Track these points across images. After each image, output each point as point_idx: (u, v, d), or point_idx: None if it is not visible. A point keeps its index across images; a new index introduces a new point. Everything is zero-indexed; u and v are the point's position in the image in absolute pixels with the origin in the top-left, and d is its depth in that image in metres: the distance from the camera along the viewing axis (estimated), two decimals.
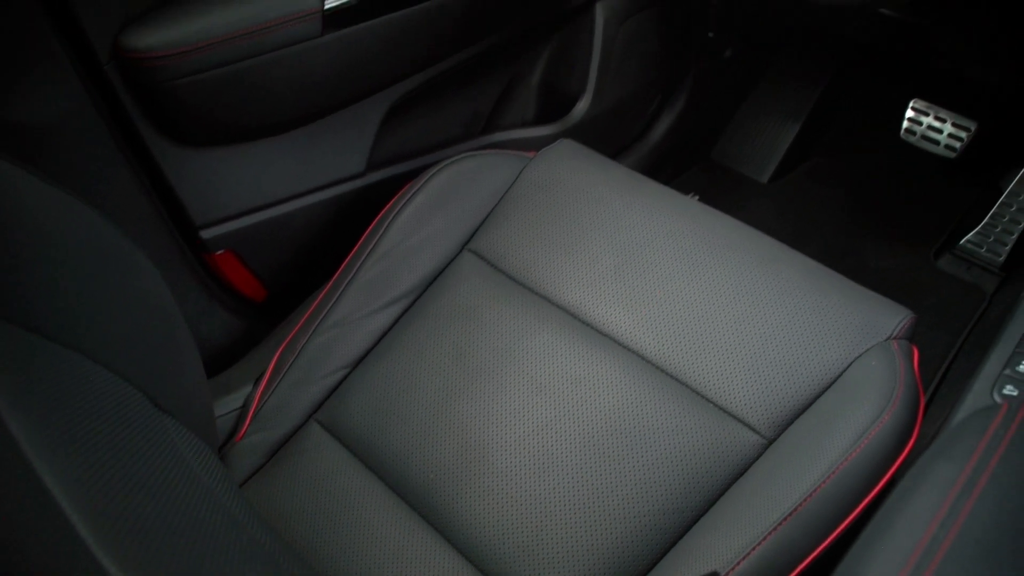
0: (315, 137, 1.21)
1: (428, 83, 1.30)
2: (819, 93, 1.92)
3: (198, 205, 1.15)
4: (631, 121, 1.73)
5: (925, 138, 1.85)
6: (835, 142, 1.98)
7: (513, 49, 1.44)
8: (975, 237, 1.72)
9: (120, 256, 0.69)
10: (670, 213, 1.06)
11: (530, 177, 1.13)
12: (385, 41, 1.17)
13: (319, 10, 1.07)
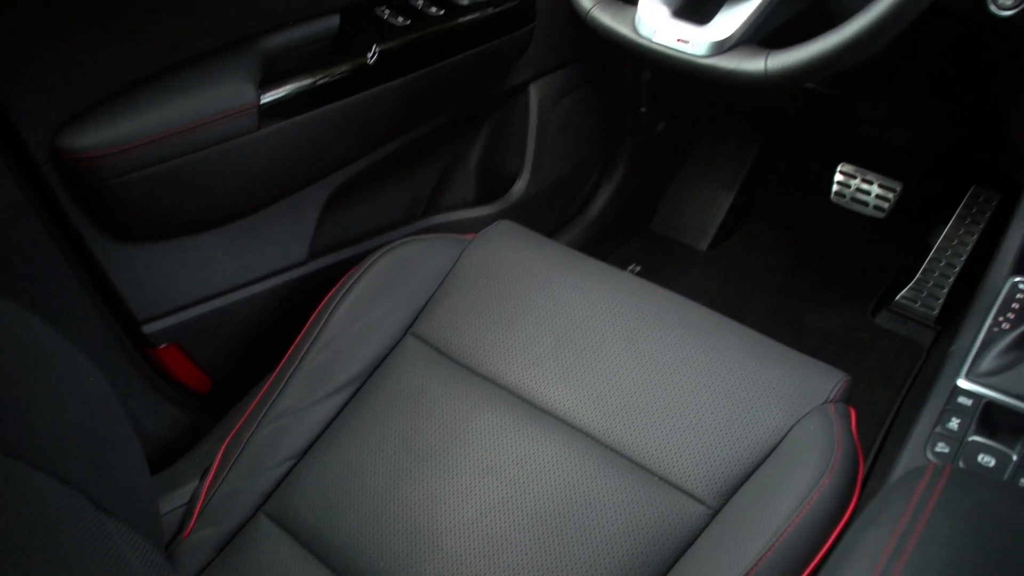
0: (256, 227, 1.22)
1: (367, 169, 1.32)
2: (751, 161, 1.98)
3: (140, 300, 1.15)
4: (570, 197, 1.77)
5: (854, 200, 1.92)
6: (769, 208, 2.04)
7: (450, 132, 1.47)
8: (909, 293, 1.77)
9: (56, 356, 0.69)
10: (608, 290, 1.09)
11: (470, 260, 1.15)
12: (323, 133, 1.19)
13: (255, 105, 1.09)
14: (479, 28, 1.31)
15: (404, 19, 1.23)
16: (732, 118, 2.02)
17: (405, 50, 1.22)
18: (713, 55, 0.87)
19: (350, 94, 1.19)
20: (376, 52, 1.18)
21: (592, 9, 0.96)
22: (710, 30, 0.88)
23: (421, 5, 1.27)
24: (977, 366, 0.92)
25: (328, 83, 1.16)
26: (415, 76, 1.26)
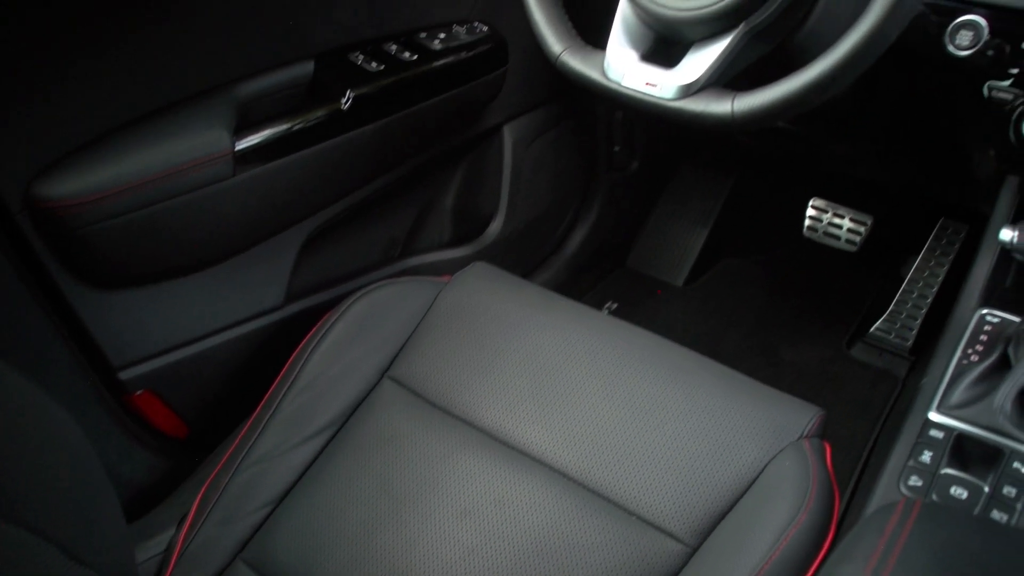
0: (232, 272, 1.23)
1: (343, 212, 1.33)
2: (724, 198, 2.01)
3: (115, 347, 1.15)
4: (546, 236, 1.78)
5: (827, 234, 1.94)
6: (743, 243, 2.06)
7: (426, 174, 1.48)
8: (883, 324, 1.79)
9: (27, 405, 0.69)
10: (583, 330, 1.09)
11: (445, 302, 1.16)
12: (298, 178, 1.20)
13: (230, 151, 1.10)
14: (452, 72, 1.33)
15: (378, 64, 1.25)
16: (705, 155, 2.05)
17: (379, 95, 1.24)
18: (681, 98, 0.89)
19: (325, 139, 1.20)
20: (350, 97, 1.20)
21: (562, 54, 0.98)
22: (677, 74, 0.89)
23: (394, 50, 1.29)
24: (948, 399, 0.93)
25: (303, 129, 1.17)
26: (389, 120, 1.27)
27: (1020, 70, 1.03)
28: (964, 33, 1.04)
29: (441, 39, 1.33)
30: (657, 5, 0.89)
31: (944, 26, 1.06)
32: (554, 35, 0.99)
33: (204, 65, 1.11)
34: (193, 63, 1.10)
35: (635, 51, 0.94)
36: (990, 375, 0.95)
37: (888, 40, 0.81)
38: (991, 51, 1.03)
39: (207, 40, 1.10)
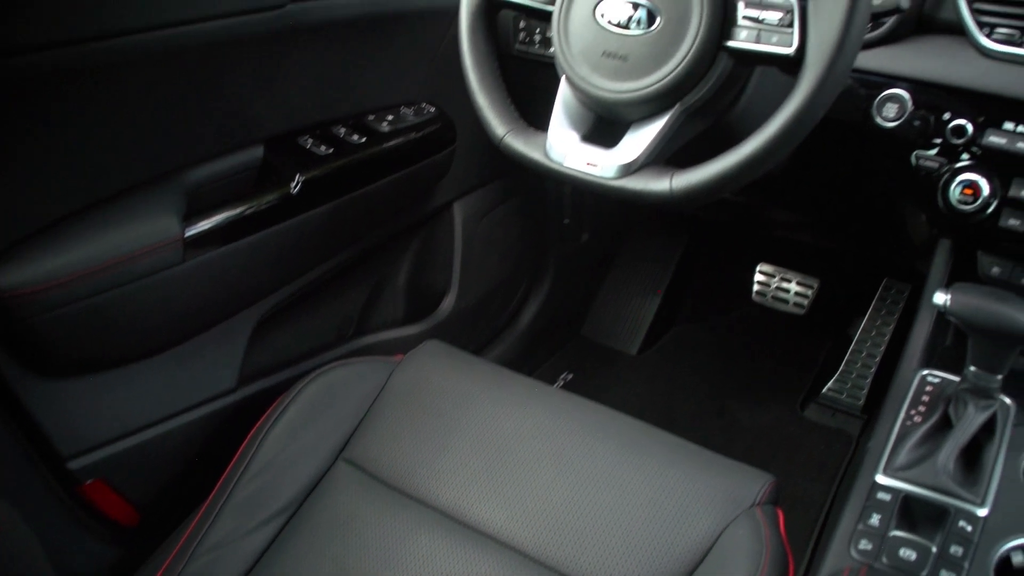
0: (184, 356, 1.22)
1: (296, 294, 1.34)
2: (674, 265, 2.04)
3: (65, 436, 1.13)
4: (499, 310, 1.80)
5: (775, 298, 1.98)
6: (695, 309, 2.09)
7: (378, 253, 1.50)
8: (835, 385, 1.82)
9: None
10: (536, 406, 1.10)
11: (398, 382, 1.16)
12: (249, 262, 1.20)
13: (180, 238, 1.10)
14: (401, 153, 1.35)
15: (327, 148, 1.27)
16: (654, 224, 2.09)
17: (328, 178, 1.25)
18: (621, 177, 0.91)
19: (275, 223, 1.21)
20: (299, 181, 1.21)
21: (505, 136, 1.01)
22: (617, 153, 0.92)
23: (343, 133, 1.31)
24: (894, 460, 0.95)
25: (253, 213, 1.18)
26: (339, 203, 1.28)
27: (943, 140, 1.07)
28: (890, 106, 1.09)
29: (389, 121, 1.35)
30: (595, 88, 0.92)
31: (872, 99, 1.11)
32: (497, 118, 1.02)
33: (153, 152, 1.12)
34: (141, 150, 1.11)
35: (576, 132, 0.97)
36: (933, 435, 0.98)
37: (816, 118, 0.85)
38: (917, 121, 1.08)
39: (155, 127, 1.11)
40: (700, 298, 2.11)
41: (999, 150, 1.04)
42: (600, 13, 0.92)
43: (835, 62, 0.82)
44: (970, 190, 1.06)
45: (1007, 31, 1.04)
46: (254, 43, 1.15)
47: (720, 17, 0.87)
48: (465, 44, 1.04)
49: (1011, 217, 1.05)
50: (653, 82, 0.88)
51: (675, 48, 0.88)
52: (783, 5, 0.85)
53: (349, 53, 1.29)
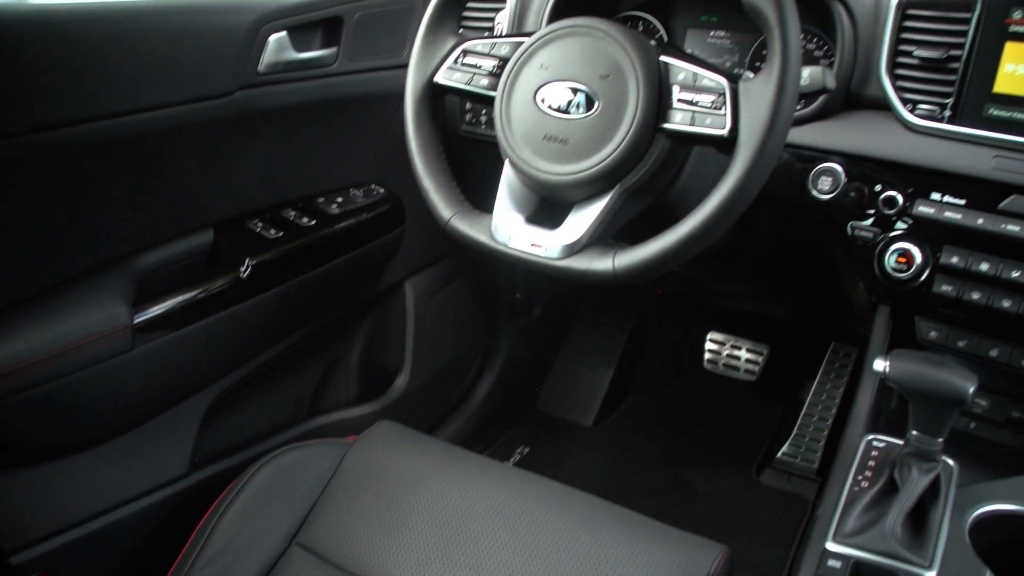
0: (133, 443, 1.20)
1: (248, 376, 1.33)
2: (626, 336, 2.07)
3: (7, 529, 1.10)
4: (453, 387, 1.80)
5: (727, 366, 2.01)
6: (649, 379, 2.11)
7: (330, 333, 1.50)
8: (789, 449, 1.84)
9: None
10: (489, 484, 1.10)
11: (351, 464, 1.16)
12: (200, 346, 1.20)
13: (128, 324, 1.10)
14: (351, 234, 1.37)
15: (276, 231, 1.28)
16: (606, 296, 2.12)
17: (278, 261, 1.26)
18: (565, 257, 0.93)
19: (226, 307, 1.21)
20: (249, 265, 1.22)
21: (451, 219, 1.02)
22: (560, 234, 0.94)
23: (293, 216, 1.32)
24: (843, 527, 0.97)
25: (203, 298, 1.19)
26: (290, 285, 1.29)
27: (876, 211, 1.11)
28: (824, 179, 1.14)
29: (339, 203, 1.37)
30: (537, 171, 0.95)
31: (807, 172, 1.15)
32: (443, 201, 1.04)
33: (101, 238, 1.12)
34: (89, 236, 1.11)
35: (520, 214, 0.99)
36: (880, 500, 0.99)
37: (751, 195, 0.88)
38: (853, 193, 1.12)
39: (104, 213, 1.11)
40: (653, 367, 2.13)
41: (928, 219, 1.08)
42: (541, 98, 0.95)
43: (766, 142, 0.85)
44: (904, 258, 1.10)
45: (928, 107, 1.09)
46: (203, 129, 1.16)
47: (656, 101, 0.91)
48: (411, 129, 1.06)
49: (943, 283, 1.09)
50: (593, 164, 0.91)
51: (614, 131, 0.91)
52: (716, 88, 0.89)
53: (298, 137, 1.31)
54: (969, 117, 1.07)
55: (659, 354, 2.15)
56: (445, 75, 1.05)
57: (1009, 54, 1.04)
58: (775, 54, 0.86)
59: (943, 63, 1.08)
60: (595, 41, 0.94)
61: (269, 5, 1.22)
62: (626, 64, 0.91)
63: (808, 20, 1.21)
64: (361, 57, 1.36)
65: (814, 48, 1.23)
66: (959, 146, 1.07)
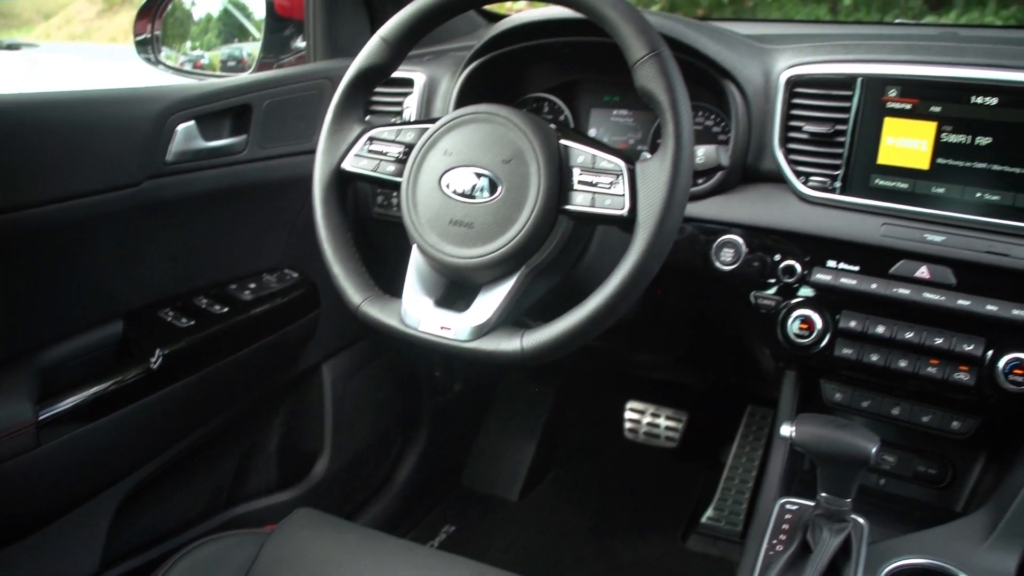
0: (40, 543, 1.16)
1: (161, 468, 1.30)
2: (547, 409, 2.08)
3: None
4: (375, 469, 1.78)
5: (647, 434, 2.03)
6: (572, 451, 2.12)
7: (247, 419, 1.48)
8: (713, 513, 1.86)
9: None
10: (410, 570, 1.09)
11: (269, 555, 1.13)
12: (110, 440, 1.17)
13: (33, 422, 1.07)
14: (265, 320, 1.36)
15: (188, 320, 1.27)
16: (525, 370, 2.13)
17: (191, 350, 1.25)
18: (474, 339, 0.95)
19: (136, 399, 1.19)
20: (160, 356, 1.20)
21: (361, 304, 1.03)
22: (469, 316, 0.96)
23: (205, 304, 1.31)
24: None
25: (113, 391, 1.16)
26: (204, 374, 1.27)
27: (777, 280, 1.16)
28: (727, 250, 1.18)
29: (251, 289, 1.36)
30: (444, 255, 0.96)
31: (710, 244, 1.19)
32: (353, 287, 1.04)
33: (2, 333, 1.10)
34: None
35: (430, 297, 1.00)
36: (795, 563, 1.01)
37: (652, 271, 0.90)
38: (756, 263, 1.17)
39: (5, 307, 1.09)
40: (576, 439, 2.14)
41: (826, 286, 1.13)
42: (445, 183, 0.97)
43: (664, 221, 0.88)
44: (806, 324, 1.14)
45: (820, 179, 1.14)
46: (111, 219, 1.16)
47: (557, 183, 0.93)
48: (319, 216, 1.07)
49: (844, 347, 1.13)
50: (499, 247, 0.93)
51: (517, 214, 0.93)
52: (614, 170, 0.92)
53: (209, 224, 1.31)
54: (857, 188, 1.13)
55: (581, 425, 2.16)
56: (352, 162, 1.07)
57: (888, 128, 1.10)
58: (668, 136, 0.90)
59: (831, 137, 1.13)
60: (497, 127, 0.97)
61: (176, 95, 1.23)
62: (527, 148, 0.94)
63: (704, 98, 1.27)
64: (271, 144, 1.37)
65: (712, 124, 1.28)
66: (850, 215, 1.13)
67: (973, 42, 1.18)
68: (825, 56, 1.15)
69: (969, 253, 1.07)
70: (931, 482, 1.26)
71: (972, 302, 1.06)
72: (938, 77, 1.08)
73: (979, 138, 1.06)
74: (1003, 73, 1.05)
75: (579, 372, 2.09)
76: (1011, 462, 1.13)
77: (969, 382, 1.07)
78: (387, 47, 1.06)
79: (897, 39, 1.22)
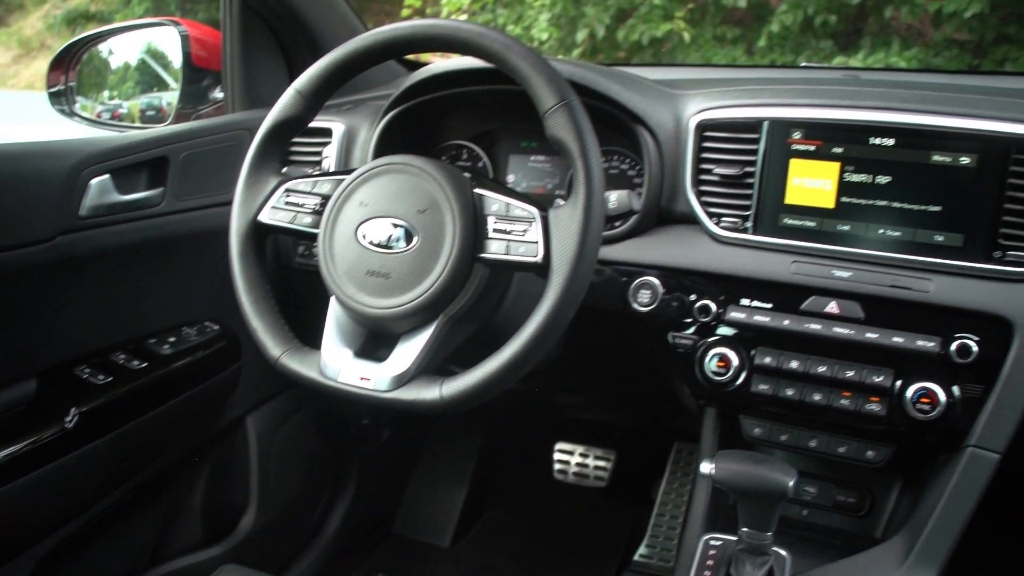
0: None
1: (80, 530, 1.26)
2: (477, 453, 2.07)
3: None
4: (303, 520, 1.76)
5: (577, 475, 2.04)
6: (503, 494, 2.12)
7: (170, 475, 1.45)
8: (645, 550, 1.87)
9: None
10: None
11: None
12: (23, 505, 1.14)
13: None
14: (186, 374, 1.34)
15: (105, 376, 1.24)
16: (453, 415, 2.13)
17: (108, 408, 1.22)
18: (394, 389, 0.95)
19: (51, 460, 1.16)
20: (76, 415, 1.17)
21: (281, 356, 1.02)
22: (389, 366, 0.96)
23: (123, 360, 1.28)
24: None
25: (26, 452, 1.13)
26: (122, 431, 1.25)
27: (693, 319, 1.18)
28: (644, 292, 1.20)
29: (171, 343, 1.34)
30: (362, 305, 0.96)
31: (628, 286, 1.21)
32: (272, 339, 1.04)
33: None
34: None
35: (349, 348, 1.00)
36: None
37: (568, 316, 0.92)
38: (675, 303, 1.19)
39: None
40: (506, 482, 2.14)
41: (741, 324, 1.16)
42: (362, 234, 0.98)
43: (577, 266, 0.90)
44: (722, 362, 1.17)
45: (732, 219, 1.18)
46: (22, 276, 1.13)
47: (472, 232, 0.95)
48: (237, 269, 1.07)
49: (760, 383, 1.16)
50: (415, 296, 0.94)
51: (433, 263, 0.94)
52: (527, 217, 0.93)
53: (126, 278, 1.29)
54: (767, 227, 1.16)
55: (511, 468, 2.16)
56: (269, 214, 1.07)
57: (794, 169, 1.14)
58: (579, 183, 0.92)
59: (740, 179, 1.17)
60: (411, 177, 0.98)
61: (90, 148, 1.22)
62: (441, 198, 0.95)
63: (619, 143, 1.30)
64: (189, 196, 1.36)
65: (628, 168, 1.31)
66: (761, 254, 1.16)
67: (872, 85, 1.23)
68: (732, 101, 1.19)
69: (875, 288, 1.11)
70: (851, 510, 1.29)
71: (880, 335, 1.10)
72: (839, 120, 1.13)
73: (879, 177, 1.11)
74: (897, 115, 1.10)
75: (507, 415, 2.09)
76: (924, 487, 1.16)
77: (880, 412, 1.11)
78: (302, 99, 1.07)
79: (801, 83, 1.26)
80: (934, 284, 1.08)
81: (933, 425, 1.08)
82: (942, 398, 1.07)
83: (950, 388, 1.08)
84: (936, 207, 1.09)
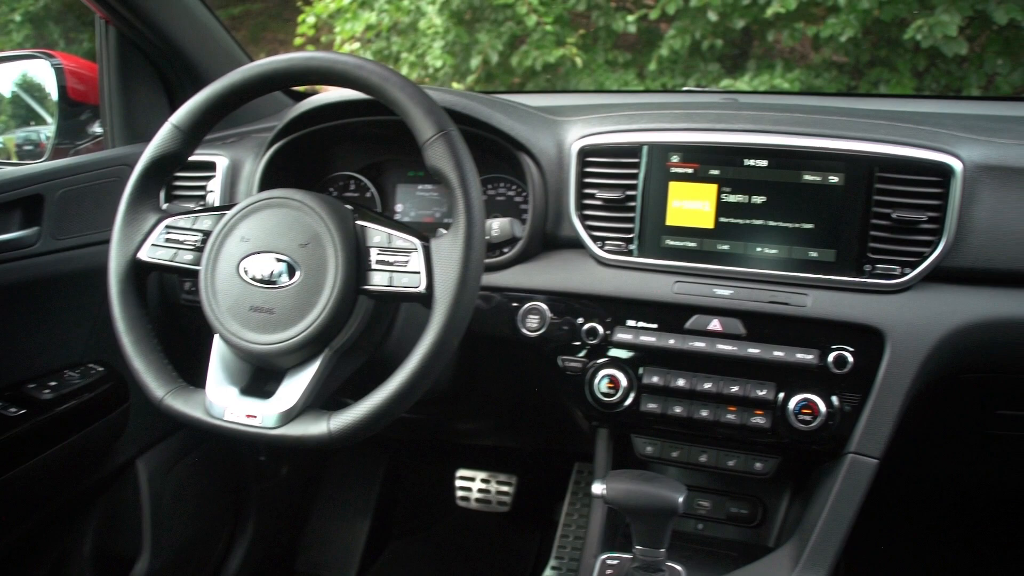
0: None
1: None
2: (378, 485, 2.05)
3: None
4: (201, 563, 1.71)
5: (479, 500, 2.04)
6: (406, 524, 2.10)
7: (56, 525, 1.39)
8: (550, 572, 1.87)
9: None
10: None
11: None
12: None
13: None
14: (68, 419, 1.30)
15: None
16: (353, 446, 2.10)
17: None
18: (281, 425, 0.93)
19: None
20: None
21: (164, 397, 1.00)
22: (276, 402, 0.95)
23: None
24: None
25: None
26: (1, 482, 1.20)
27: (582, 342, 1.20)
28: (532, 317, 1.22)
29: (52, 387, 1.30)
30: (246, 342, 0.95)
31: (516, 312, 1.22)
32: (155, 380, 1.01)
33: None
34: None
35: (235, 386, 0.99)
36: None
37: (452, 346, 0.92)
38: (565, 327, 1.21)
39: None
40: (409, 511, 2.13)
41: (628, 344, 1.18)
42: (244, 270, 0.97)
43: (459, 296, 0.91)
44: (612, 383, 1.19)
45: (616, 243, 1.20)
46: None
47: (355, 264, 0.95)
48: (116, 309, 1.04)
49: (649, 402, 1.18)
50: (300, 331, 0.93)
51: (317, 297, 0.93)
52: (409, 248, 0.94)
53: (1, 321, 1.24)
54: (650, 249, 1.19)
55: (413, 498, 2.15)
56: (148, 252, 1.05)
57: (674, 192, 1.18)
58: (459, 213, 0.93)
59: (623, 202, 1.20)
60: (292, 211, 0.97)
61: None
62: (323, 232, 0.95)
63: (504, 170, 1.31)
64: (67, 235, 1.32)
65: (514, 195, 1.33)
66: (645, 275, 1.19)
67: (750, 108, 1.28)
68: (612, 126, 1.22)
69: (755, 304, 1.14)
70: (744, 521, 1.32)
71: (761, 349, 1.14)
72: (713, 143, 1.17)
73: (755, 197, 1.15)
74: (769, 137, 1.14)
75: (406, 444, 2.08)
76: (811, 495, 1.20)
77: (765, 425, 1.14)
78: (179, 134, 1.05)
79: (681, 107, 1.30)
80: (811, 299, 1.13)
81: (815, 434, 1.12)
82: (822, 408, 1.11)
83: (829, 398, 1.12)
84: (809, 224, 1.13)
